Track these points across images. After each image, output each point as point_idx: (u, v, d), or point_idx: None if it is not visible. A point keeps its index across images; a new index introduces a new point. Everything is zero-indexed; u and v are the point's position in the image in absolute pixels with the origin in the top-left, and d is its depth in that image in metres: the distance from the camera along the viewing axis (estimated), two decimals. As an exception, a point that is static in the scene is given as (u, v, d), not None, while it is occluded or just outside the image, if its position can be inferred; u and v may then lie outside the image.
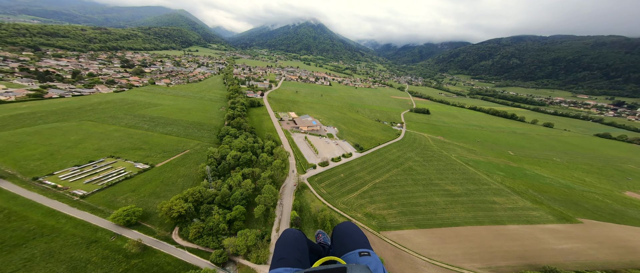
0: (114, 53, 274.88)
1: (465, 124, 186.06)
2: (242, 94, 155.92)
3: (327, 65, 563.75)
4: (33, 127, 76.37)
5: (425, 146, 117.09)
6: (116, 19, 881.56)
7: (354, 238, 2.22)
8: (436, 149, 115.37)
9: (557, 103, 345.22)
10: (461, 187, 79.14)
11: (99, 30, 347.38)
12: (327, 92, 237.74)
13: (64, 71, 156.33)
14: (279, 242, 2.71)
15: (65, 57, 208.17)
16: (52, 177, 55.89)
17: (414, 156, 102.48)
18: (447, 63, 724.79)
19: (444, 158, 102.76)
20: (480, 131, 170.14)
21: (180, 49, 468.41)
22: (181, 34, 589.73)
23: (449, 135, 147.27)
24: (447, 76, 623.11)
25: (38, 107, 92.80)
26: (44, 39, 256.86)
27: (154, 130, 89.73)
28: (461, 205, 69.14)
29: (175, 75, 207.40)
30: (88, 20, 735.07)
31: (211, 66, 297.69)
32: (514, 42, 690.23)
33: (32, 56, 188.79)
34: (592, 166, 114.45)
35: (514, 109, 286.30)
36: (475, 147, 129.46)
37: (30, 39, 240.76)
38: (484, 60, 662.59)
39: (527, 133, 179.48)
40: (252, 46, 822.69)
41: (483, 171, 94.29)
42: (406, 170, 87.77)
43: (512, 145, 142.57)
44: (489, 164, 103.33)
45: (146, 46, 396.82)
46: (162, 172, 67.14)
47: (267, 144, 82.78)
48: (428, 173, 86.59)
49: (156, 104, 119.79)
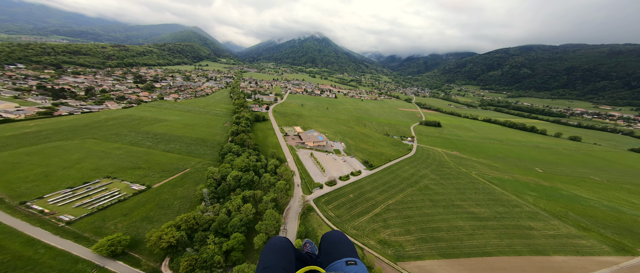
0: (129, 69, 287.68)
1: (482, 138, 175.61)
2: (248, 108, 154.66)
3: (332, 77, 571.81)
4: (35, 146, 75.30)
5: (441, 162, 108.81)
6: (136, 37, 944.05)
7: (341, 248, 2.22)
8: (453, 165, 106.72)
9: (579, 114, 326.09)
10: (488, 209, 70.32)
11: (118, 48, 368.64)
12: (333, 105, 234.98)
13: (79, 88, 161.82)
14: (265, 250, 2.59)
15: (84, 74, 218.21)
16: (41, 201, 52.46)
17: (429, 173, 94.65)
18: (454, 74, 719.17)
19: (464, 175, 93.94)
20: (499, 145, 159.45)
21: (191, 64, 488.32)
22: (193, 49, 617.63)
23: (465, 150, 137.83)
24: (454, 86, 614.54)
25: (45, 125, 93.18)
26: (66, 57, 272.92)
27: (156, 147, 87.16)
28: (491, 231, 60.60)
29: (184, 89, 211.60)
30: (111, 38, 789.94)
31: (219, 80, 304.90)
32: (523, 52, 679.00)
33: (53, 74, 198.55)
34: (637, 186, 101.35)
35: (532, 120, 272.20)
36: (497, 163, 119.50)
37: (54, 58, 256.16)
38: (492, 70, 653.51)
39: (553, 147, 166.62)
40: (259, 60, 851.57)
41: (511, 190, 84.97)
42: (422, 189, 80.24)
43: (538, 161, 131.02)
44: (517, 183, 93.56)
45: (160, 61, 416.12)
46: (158, 194, 62.84)
47: (271, 162, 77.73)
48: (447, 193, 78.52)
49: (162, 120, 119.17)
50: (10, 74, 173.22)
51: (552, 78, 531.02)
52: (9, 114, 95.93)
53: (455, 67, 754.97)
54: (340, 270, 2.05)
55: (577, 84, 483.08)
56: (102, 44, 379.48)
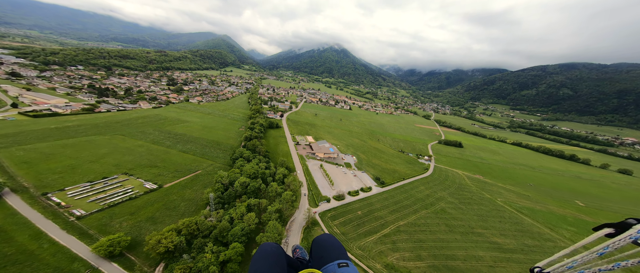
0: (165, 73, 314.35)
1: (510, 163, 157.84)
2: (263, 114, 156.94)
3: (348, 88, 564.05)
4: (71, 139, 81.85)
5: (461, 186, 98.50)
6: (176, 44, 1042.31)
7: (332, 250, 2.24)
8: (475, 190, 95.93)
9: (630, 145, 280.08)
10: (514, 241, 61.55)
11: (159, 53, 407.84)
12: (347, 117, 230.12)
13: (120, 88, 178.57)
14: (255, 256, 2.57)
15: (127, 76, 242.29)
16: (61, 193, 54.92)
17: (447, 196, 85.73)
18: (480, 91, 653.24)
19: (487, 201, 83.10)
20: (531, 172, 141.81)
21: (217, 69, 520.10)
22: (221, 55, 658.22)
23: (489, 174, 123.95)
24: (480, 105, 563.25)
25: (86, 120, 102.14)
26: (117, 60, 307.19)
27: (174, 147, 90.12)
28: (516, 265, 52.80)
29: (208, 93, 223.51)
30: (156, 45, 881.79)
31: (240, 85, 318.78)
32: (563, 70, 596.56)
33: (103, 75, 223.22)
34: None
35: (572, 148, 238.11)
36: (528, 192, 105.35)
37: (107, 61, 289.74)
38: (525, 89, 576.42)
39: (597, 179, 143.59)
40: (278, 68, 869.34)
41: (543, 222, 73.86)
42: (438, 213, 72.63)
43: (579, 193, 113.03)
44: (551, 215, 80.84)
45: (191, 66, 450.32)
46: (167, 194, 63.29)
47: (280, 171, 75.68)
48: (467, 219, 69.93)
49: (184, 121, 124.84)
50: (70, 74, 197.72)
51: (598, 101, 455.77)
52: (58, 109, 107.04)
53: (482, 84, 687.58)
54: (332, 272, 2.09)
55: (629, 109, 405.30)
56: (147, 50, 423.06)
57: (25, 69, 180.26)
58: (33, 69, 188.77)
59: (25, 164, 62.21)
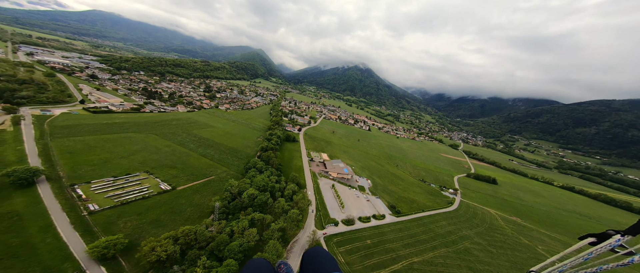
0: (204, 80, 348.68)
1: (556, 208, 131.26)
2: (282, 126, 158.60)
3: (368, 108, 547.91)
4: (114, 135, 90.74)
5: (492, 226, 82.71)
6: (219, 55, 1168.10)
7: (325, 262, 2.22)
8: (510, 233, 79.97)
9: None
10: None
11: (204, 63, 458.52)
12: (365, 138, 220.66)
13: (166, 92, 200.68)
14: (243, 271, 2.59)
15: (174, 82, 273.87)
16: (86, 186, 57.94)
17: (474, 235, 72.73)
18: (522, 124, 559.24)
19: (524, 247, 67.67)
20: (585, 222, 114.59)
21: (248, 80, 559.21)
22: (253, 67, 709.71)
23: (529, 218, 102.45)
24: (521, 139, 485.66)
25: (131, 118, 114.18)
26: (170, 68, 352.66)
27: (195, 150, 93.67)
28: None
29: (236, 101, 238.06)
30: (203, 56, 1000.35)
31: (265, 96, 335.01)
32: (634, 108, 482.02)
33: (156, 80, 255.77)
34: None
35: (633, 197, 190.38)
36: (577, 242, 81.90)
37: (163, 68, 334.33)
38: (581, 126, 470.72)
39: None
40: (302, 83, 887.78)
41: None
42: (460, 253, 61.77)
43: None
44: None
45: (227, 76, 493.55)
46: (178, 197, 63.60)
47: (289, 187, 71.93)
48: (497, 264, 57.89)
49: (210, 126, 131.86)
50: (132, 78, 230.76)
51: None
52: (113, 107, 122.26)
53: (525, 115, 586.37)
54: None
55: None
56: (195, 60, 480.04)
57: (102, 73, 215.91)
58: (108, 73, 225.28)
59: (69, 154, 69.17)
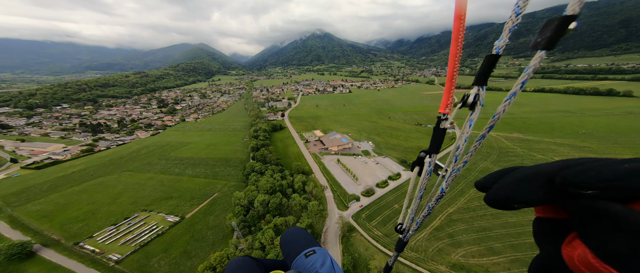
0: (152, 95, 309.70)
1: (543, 112, 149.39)
2: (263, 118, 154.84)
3: (341, 72, 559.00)
4: (81, 185, 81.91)
5: (502, 150, 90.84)
6: (152, 61, 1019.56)
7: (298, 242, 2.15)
8: (521, 152, 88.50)
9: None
10: None
11: (139, 75, 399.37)
12: (349, 100, 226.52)
13: (113, 120, 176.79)
14: None
15: (115, 105, 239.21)
16: (91, 240, 56.04)
17: (492, 166, 78.64)
18: (476, 47, 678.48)
19: None
20: (575, 118, 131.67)
21: (205, 81, 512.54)
22: (204, 65, 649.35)
23: (527, 130, 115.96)
24: (479, 60, 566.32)
25: (89, 162, 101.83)
26: (99, 91, 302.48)
27: (183, 173, 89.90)
28: None
29: (202, 108, 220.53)
30: (133, 66, 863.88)
31: (232, 92, 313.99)
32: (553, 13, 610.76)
33: (91, 109, 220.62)
34: None
35: (603, 82, 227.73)
36: (585, 142, 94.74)
37: (89, 93, 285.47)
38: (522, 37, 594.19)
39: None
40: (266, 66, 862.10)
41: None
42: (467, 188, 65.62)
43: None
44: None
45: (177, 82, 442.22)
46: (192, 224, 63.72)
47: (297, 179, 74.28)
48: None
49: (186, 143, 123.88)
50: (57, 115, 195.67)
51: (605, 34, 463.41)
52: (57, 156, 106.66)
53: (475, 40, 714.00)
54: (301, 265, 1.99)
55: (635, 37, 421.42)
56: (126, 74, 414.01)
57: (12, 119, 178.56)
58: (19, 116, 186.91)
59: (46, 217, 62.81)
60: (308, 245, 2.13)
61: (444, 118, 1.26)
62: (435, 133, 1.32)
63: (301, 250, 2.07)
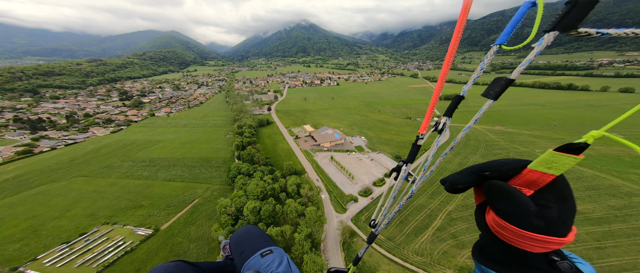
0: (113, 85, 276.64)
1: (518, 105, 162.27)
2: (248, 112, 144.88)
3: (327, 64, 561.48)
4: (17, 196, 67.58)
5: (488, 143, 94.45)
6: (112, 49, 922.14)
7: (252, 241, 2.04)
8: (505, 144, 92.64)
9: (607, 64, 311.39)
10: (597, 205, 54.69)
11: (95, 63, 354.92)
12: (338, 93, 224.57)
13: (60, 115, 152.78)
14: None
15: (64, 97, 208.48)
16: (35, 263, 45.96)
17: (481, 160, 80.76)
18: None
19: (528, 156, 76.38)
20: (545, 110, 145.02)
21: (178, 71, 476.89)
22: (177, 55, 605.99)
23: (508, 122, 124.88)
24: (457, 55, 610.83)
25: (26, 167, 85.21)
26: (41, 79, 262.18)
27: (155, 177, 78.96)
28: (626, 240, 44.84)
29: (175, 101, 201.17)
30: (87, 53, 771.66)
31: (211, 84, 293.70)
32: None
33: (30, 102, 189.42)
34: None
35: (562, 78, 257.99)
36: (558, 134, 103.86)
37: (27, 83, 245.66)
38: (492, 34, 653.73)
39: (609, 103, 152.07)
40: (248, 57, 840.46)
41: (606, 170, 69.14)
42: None
43: (605, 123, 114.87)
44: (605, 158, 77.17)
45: (144, 72, 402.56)
46: (169, 237, 55.26)
47: (291, 182, 68.11)
48: None
49: (157, 141, 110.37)
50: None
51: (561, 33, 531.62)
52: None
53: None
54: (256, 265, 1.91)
55: None
56: (77, 61, 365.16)
57: None
58: None
59: None
60: (264, 245, 2.06)
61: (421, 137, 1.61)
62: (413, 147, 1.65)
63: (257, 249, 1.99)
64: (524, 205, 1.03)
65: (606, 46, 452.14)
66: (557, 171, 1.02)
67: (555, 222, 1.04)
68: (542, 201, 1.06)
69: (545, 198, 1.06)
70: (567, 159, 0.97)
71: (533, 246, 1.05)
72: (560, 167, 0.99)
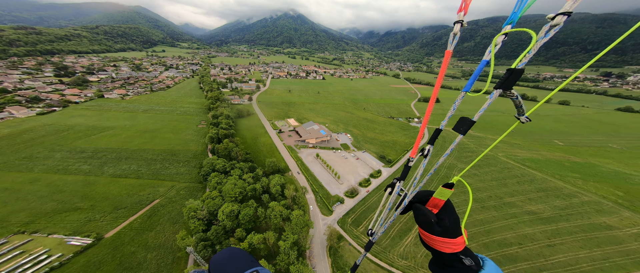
0: (47, 58, 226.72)
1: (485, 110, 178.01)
2: (226, 101, 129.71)
3: (313, 57, 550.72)
4: None
5: (460, 146, 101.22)
6: (54, 18, 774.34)
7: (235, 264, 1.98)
8: (474, 147, 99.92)
9: (549, 78, 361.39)
10: (546, 205, 60.76)
11: (24, 31, 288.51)
12: (323, 88, 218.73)
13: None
14: None
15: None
16: None
17: (455, 162, 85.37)
18: (432, 47, 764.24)
19: (493, 160, 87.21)
20: (504, 117, 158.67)
21: (141, 50, 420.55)
22: (140, 32, 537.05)
23: (476, 127, 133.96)
24: (434, 59, 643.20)
25: None
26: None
27: (99, 172, 62.98)
28: (570, 237, 49.88)
29: (134, 82, 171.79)
30: (16, 19, 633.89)
31: (182, 67, 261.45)
32: (490, 23, 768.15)
33: None
34: None
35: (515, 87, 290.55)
36: (515, 139, 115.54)
37: None
38: (466, 42, 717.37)
39: (551, 114, 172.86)
40: (228, 43, 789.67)
41: (551, 174, 78.32)
42: (457, 186, 66.22)
43: (550, 131, 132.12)
44: (549, 163, 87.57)
45: (95, 47, 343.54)
46: (117, 246, 43.41)
47: (274, 182, 59.27)
48: (489, 188, 68.58)
49: (105, 128, 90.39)
50: None
51: (519, 47, 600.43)
52: None
53: (432, 40, 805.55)
54: None
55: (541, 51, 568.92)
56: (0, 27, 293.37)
57: None
58: None
59: None
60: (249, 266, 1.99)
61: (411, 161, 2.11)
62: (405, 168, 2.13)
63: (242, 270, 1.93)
64: (428, 216, 1.85)
65: (550, 62, 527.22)
66: (444, 197, 1.88)
67: (448, 228, 1.86)
68: (442, 215, 1.90)
69: (442, 213, 1.91)
70: (447, 191, 1.84)
71: (441, 246, 1.86)
72: (444, 195, 1.86)
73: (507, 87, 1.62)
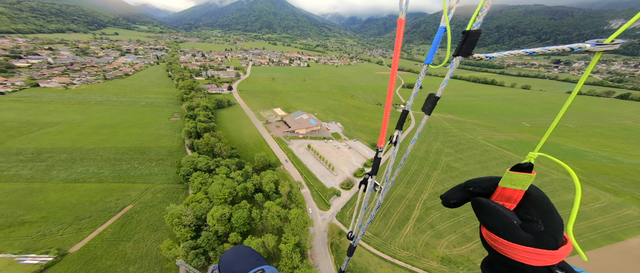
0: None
1: (460, 96, 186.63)
2: (202, 90, 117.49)
3: (295, 43, 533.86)
4: None
5: (445, 131, 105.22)
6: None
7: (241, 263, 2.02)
8: (457, 132, 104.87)
9: (512, 65, 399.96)
10: None
11: None
12: (309, 75, 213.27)
13: None
14: None
15: None
16: None
17: (442, 147, 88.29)
18: (411, 34, 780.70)
19: (473, 143, 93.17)
20: (479, 102, 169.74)
21: (86, 32, 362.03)
22: (83, 11, 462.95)
23: (456, 111, 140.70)
24: (413, 46, 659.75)
25: None
26: None
27: (46, 178, 52.70)
28: None
29: (80, 69, 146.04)
30: None
31: (143, 53, 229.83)
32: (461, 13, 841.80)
33: None
34: (600, 128, 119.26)
35: (484, 74, 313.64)
36: (490, 123, 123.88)
37: None
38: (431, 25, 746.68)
39: (517, 97, 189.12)
40: (198, 27, 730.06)
41: (523, 154, 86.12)
42: (447, 171, 71.58)
43: (518, 114, 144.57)
44: (521, 144, 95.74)
45: (20, 27, 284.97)
46: (89, 260, 37.85)
47: (267, 179, 54.72)
48: (472, 171, 72.42)
49: (46, 124, 75.46)
50: None
51: (487, 35, 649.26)
52: None
53: (411, 28, 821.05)
54: None
55: (505, 39, 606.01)
56: None
57: None
58: None
59: None
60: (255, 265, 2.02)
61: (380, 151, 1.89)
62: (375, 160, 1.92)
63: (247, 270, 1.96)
64: (505, 217, 1.19)
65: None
66: (522, 186, 1.21)
67: (543, 235, 1.15)
68: (528, 215, 1.21)
69: (530, 213, 1.22)
70: (523, 177, 1.19)
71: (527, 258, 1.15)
72: (521, 183, 1.21)
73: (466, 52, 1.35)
